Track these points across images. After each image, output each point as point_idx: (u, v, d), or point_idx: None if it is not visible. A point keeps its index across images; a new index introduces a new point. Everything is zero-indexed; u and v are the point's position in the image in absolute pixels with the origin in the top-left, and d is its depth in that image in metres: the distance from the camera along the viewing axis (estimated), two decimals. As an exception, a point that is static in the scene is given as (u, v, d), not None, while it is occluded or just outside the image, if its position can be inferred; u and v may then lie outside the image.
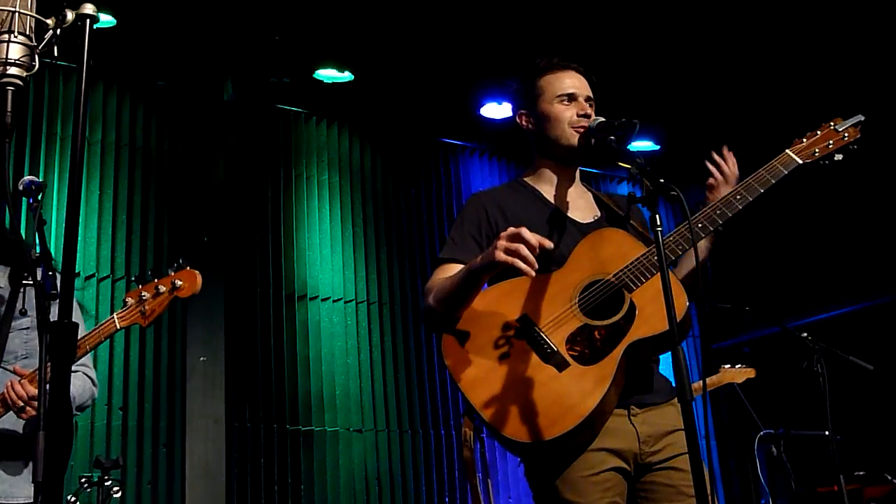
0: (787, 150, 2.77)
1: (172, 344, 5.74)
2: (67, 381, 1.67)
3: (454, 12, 5.76)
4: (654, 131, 7.18)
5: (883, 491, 5.35)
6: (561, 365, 2.48)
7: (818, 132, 2.80)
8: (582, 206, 2.85)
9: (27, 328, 3.15)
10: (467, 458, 4.73)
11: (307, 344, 6.14)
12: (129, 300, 3.08)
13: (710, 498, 2.09)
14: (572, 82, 2.83)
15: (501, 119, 6.84)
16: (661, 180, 2.27)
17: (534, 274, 2.41)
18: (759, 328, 7.10)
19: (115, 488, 4.05)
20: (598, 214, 2.84)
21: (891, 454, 5.83)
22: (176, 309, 5.80)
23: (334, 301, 6.35)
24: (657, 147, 7.28)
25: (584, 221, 2.79)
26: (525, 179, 2.91)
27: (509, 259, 2.40)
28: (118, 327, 3.05)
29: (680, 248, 2.58)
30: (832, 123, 2.81)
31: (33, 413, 2.88)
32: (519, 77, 2.94)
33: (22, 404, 2.88)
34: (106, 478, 4.01)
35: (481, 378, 2.52)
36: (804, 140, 2.79)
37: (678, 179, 2.47)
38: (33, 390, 2.88)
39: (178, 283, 3.14)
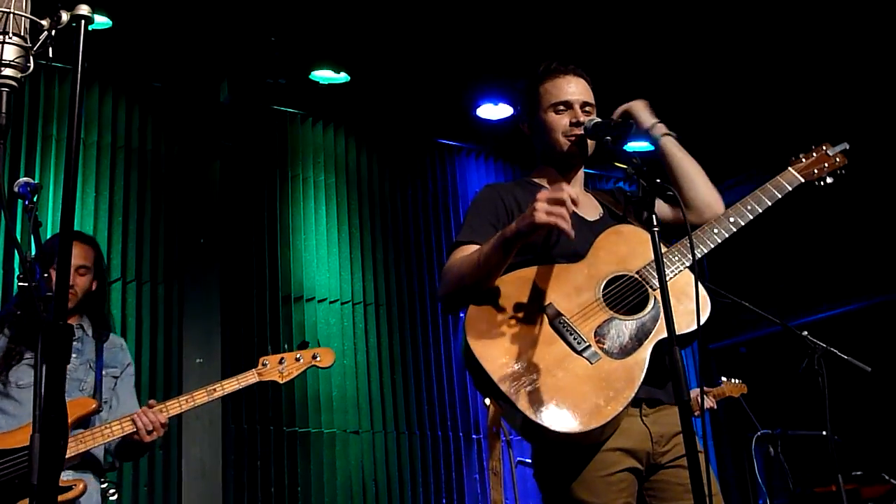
0: (790, 168, 2.92)
1: (168, 346, 5.72)
2: (62, 382, 1.67)
3: (450, 13, 5.76)
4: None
5: (881, 491, 5.35)
6: (593, 357, 2.48)
7: (813, 154, 2.95)
8: (587, 205, 2.88)
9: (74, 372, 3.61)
10: (493, 444, 4.69)
11: (304, 345, 6.12)
12: (269, 362, 3.76)
13: (714, 499, 2.09)
14: (568, 88, 2.83)
15: (497, 120, 6.84)
16: (658, 180, 2.28)
17: (573, 236, 2.42)
18: (756, 328, 7.10)
19: (112, 490, 4.04)
20: (602, 212, 2.87)
21: (888, 454, 5.84)
22: (172, 311, 5.79)
23: (331, 302, 6.34)
24: (652, 147, 7.28)
25: (592, 219, 2.81)
26: (533, 178, 2.95)
27: (552, 220, 2.39)
28: (257, 380, 3.75)
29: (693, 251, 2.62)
30: (823, 147, 2.97)
31: (159, 436, 3.47)
32: (521, 82, 2.95)
33: (152, 428, 3.43)
34: (102, 480, 4.00)
35: (509, 363, 2.48)
36: (802, 159, 2.94)
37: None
38: (164, 418, 3.46)
39: (318, 356, 3.85)
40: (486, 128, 6.97)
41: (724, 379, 5.51)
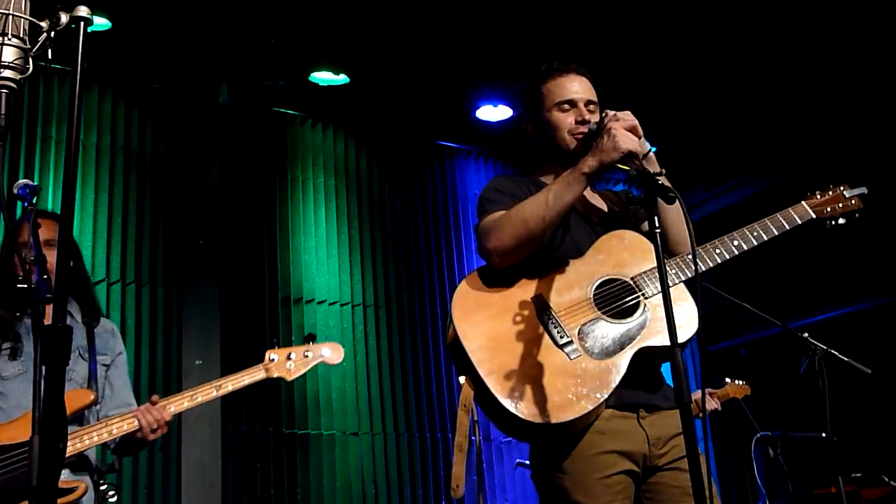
0: (803, 202, 2.91)
1: (168, 347, 5.72)
2: (61, 385, 1.66)
3: (450, 15, 5.75)
4: (648, 133, 7.19)
5: (880, 493, 5.35)
6: (573, 353, 2.49)
7: (829, 192, 2.96)
8: (591, 205, 2.88)
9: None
10: (462, 421, 4.65)
11: (303, 347, 6.11)
12: (276, 356, 3.59)
13: (712, 501, 2.08)
14: (572, 87, 2.82)
15: (497, 122, 6.84)
16: (660, 182, 2.26)
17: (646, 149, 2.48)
18: (755, 330, 7.10)
19: (112, 493, 4.03)
20: (607, 213, 2.86)
21: (888, 456, 5.83)
22: (171, 312, 5.79)
23: (330, 304, 6.34)
24: (653, 149, 7.27)
25: (595, 219, 2.81)
26: (538, 178, 2.92)
27: (633, 147, 2.45)
28: (264, 376, 3.57)
29: (692, 269, 2.62)
30: (840, 188, 2.98)
31: (163, 433, 3.33)
32: (523, 82, 2.95)
33: (157, 426, 3.29)
34: (102, 482, 3.99)
35: (490, 346, 2.51)
36: (817, 196, 2.95)
37: (673, 181, 2.48)
38: (168, 415, 3.32)
39: (327, 352, 3.68)
40: (485, 129, 6.97)
41: (727, 380, 5.52)
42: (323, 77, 6.19)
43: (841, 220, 2.94)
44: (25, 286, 2.66)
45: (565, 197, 2.53)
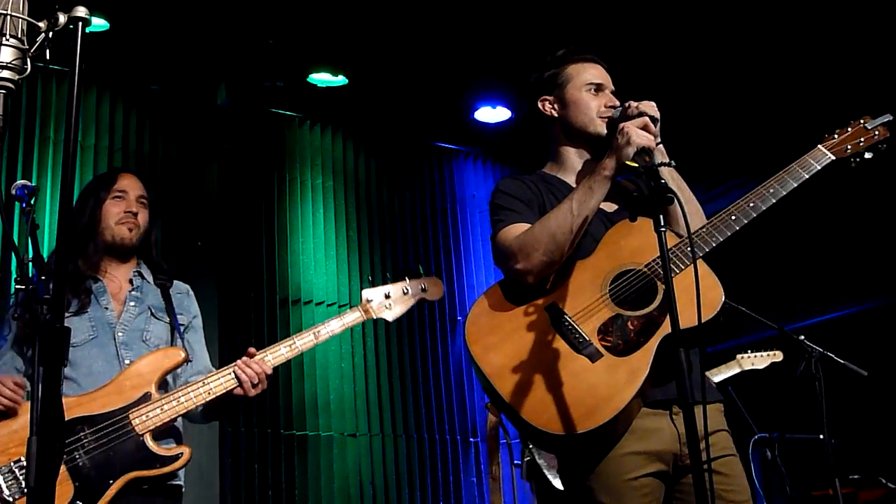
0: (819, 146, 2.74)
1: (166, 349, 5.71)
2: (59, 384, 1.66)
3: (448, 16, 5.76)
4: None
5: (878, 494, 5.35)
6: (594, 356, 2.43)
7: (848, 129, 2.76)
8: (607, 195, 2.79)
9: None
10: (492, 447, 4.66)
11: (301, 348, 6.11)
12: (373, 297, 3.37)
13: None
14: (599, 73, 2.85)
15: (495, 123, 6.84)
16: (662, 181, 2.23)
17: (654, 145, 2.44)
18: (753, 332, 7.10)
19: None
20: (619, 201, 2.80)
21: (886, 458, 5.83)
22: (169, 313, 5.78)
23: (328, 305, 6.34)
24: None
25: (609, 210, 2.75)
26: (546, 171, 2.89)
27: (648, 143, 2.42)
28: (364, 318, 3.35)
29: (708, 242, 2.55)
30: (861, 121, 2.78)
31: (263, 388, 3.15)
32: (540, 65, 2.91)
33: (258, 381, 3.12)
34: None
35: (508, 366, 2.45)
36: (835, 136, 2.75)
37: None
38: (269, 368, 3.14)
39: (426, 287, 3.41)
40: (483, 131, 6.98)
41: (741, 355, 5.47)
42: (321, 78, 6.19)
43: (867, 155, 2.73)
44: (24, 287, 2.66)
45: (589, 203, 2.52)
